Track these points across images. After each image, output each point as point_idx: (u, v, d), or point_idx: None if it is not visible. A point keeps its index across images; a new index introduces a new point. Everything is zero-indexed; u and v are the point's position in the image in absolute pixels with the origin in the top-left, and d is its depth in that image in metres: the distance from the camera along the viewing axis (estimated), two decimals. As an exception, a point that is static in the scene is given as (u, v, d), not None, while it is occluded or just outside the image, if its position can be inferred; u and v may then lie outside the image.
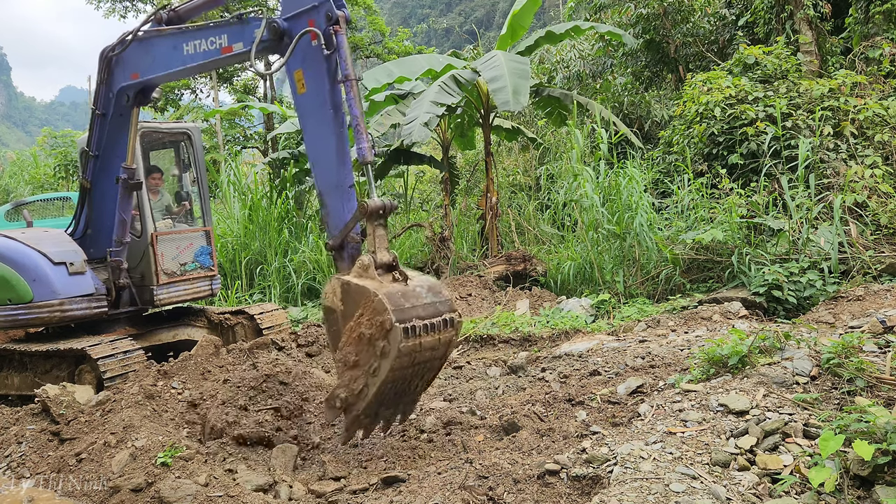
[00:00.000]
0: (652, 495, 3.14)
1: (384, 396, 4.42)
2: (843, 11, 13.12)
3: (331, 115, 4.96)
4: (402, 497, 3.91)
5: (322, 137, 5.03)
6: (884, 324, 5.04)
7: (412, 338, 4.17)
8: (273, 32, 5.14)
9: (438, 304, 4.43)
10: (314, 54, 4.95)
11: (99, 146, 7.01)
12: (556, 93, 12.44)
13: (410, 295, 4.34)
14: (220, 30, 5.70)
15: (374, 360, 4.25)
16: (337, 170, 4.99)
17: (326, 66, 4.94)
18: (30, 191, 22.40)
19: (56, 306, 6.84)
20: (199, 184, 8.20)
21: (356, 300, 4.36)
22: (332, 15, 4.84)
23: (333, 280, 4.59)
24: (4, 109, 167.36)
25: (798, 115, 9.79)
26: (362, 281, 4.39)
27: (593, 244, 9.68)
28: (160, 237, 7.49)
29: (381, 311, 4.16)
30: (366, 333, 4.25)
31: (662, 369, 5.46)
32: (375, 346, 4.21)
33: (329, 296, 4.61)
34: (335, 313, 4.56)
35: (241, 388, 5.31)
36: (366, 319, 4.25)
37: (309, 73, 5.02)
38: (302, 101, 5.10)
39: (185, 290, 7.75)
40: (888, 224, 8.18)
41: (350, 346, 4.36)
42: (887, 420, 3.08)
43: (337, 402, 4.46)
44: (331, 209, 5.00)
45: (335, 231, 4.94)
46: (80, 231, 7.38)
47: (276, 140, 21.20)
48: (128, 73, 6.57)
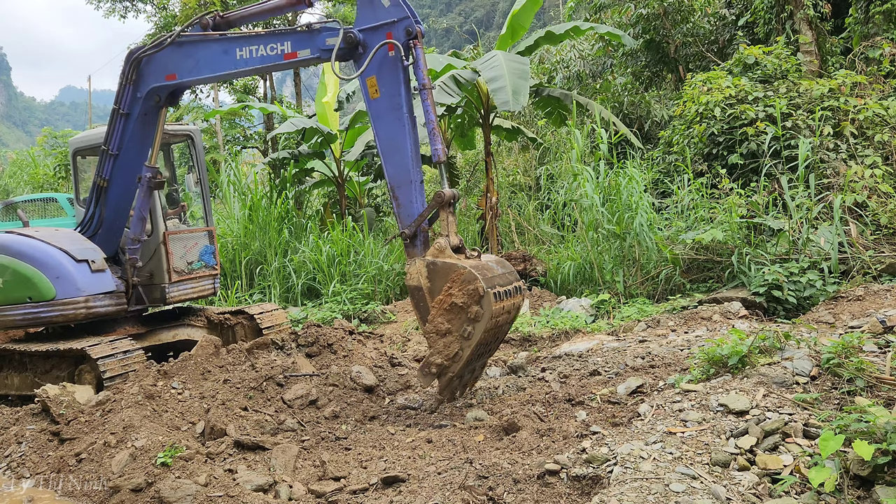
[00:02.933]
0: (652, 495, 3.14)
1: (471, 359, 5.08)
2: (843, 11, 13.12)
3: (406, 118, 5.45)
4: (402, 497, 3.91)
5: (397, 138, 5.48)
6: (884, 324, 5.04)
7: (498, 301, 4.91)
8: (348, 42, 5.52)
9: (507, 274, 5.25)
10: (390, 64, 5.42)
11: (120, 145, 7.05)
12: (556, 93, 12.43)
13: (487, 268, 5.08)
14: (284, 37, 5.99)
15: (466, 326, 4.91)
16: (410, 166, 5.46)
17: (402, 74, 5.44)
18: (30, 191, 22.42)
19: (82, 303, 6.90)
20: (202, 185, 8.28)
21: (444, 275, 5.02)
22: (412, 30, 5.35)
23: (417, 261, 5.18)
24: (4, 109, 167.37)
25: (798, 115, 9.79)
26: (446, 258, 5.06)
27: (593, 244, 9.68)
28: (171, 236, 7.61)
29: (471, 280, 4.87)
30: (458, 302, 4.90)
31: (662, 369, 5.46)
32: (468, 312, 4.88)
33: (415, 276, 5.18)
34: (422, 291, 5.15)
35: (240, 389, 5.31)
36: (456, 290, 4.92)
37: (383, 80, 5.48)
38: (376, 104, 5.55)
39: (193, 287, 7.91)
40: (888, 224, 8.18)
41: (441, 316, 4.98)
42: (887, 420, 3.08)
43: (433, 368, 5.05)
44: (402, 202, 5.49)
45: (408, 221, 5.43)
46: (93, 230, 7.41)
47: (276, 140, 21.22)
48: (162, 74, 6.67)
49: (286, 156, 13.96)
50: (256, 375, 5.93)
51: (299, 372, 6.12)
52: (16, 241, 7.06)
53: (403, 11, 5.38)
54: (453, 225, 5.27)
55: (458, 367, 5.01)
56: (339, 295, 10.65)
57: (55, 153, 25.35)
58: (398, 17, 5.38)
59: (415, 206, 5.42)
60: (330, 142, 13.77)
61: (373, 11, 5.49)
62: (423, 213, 5.36)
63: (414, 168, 5.46)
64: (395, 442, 4.90)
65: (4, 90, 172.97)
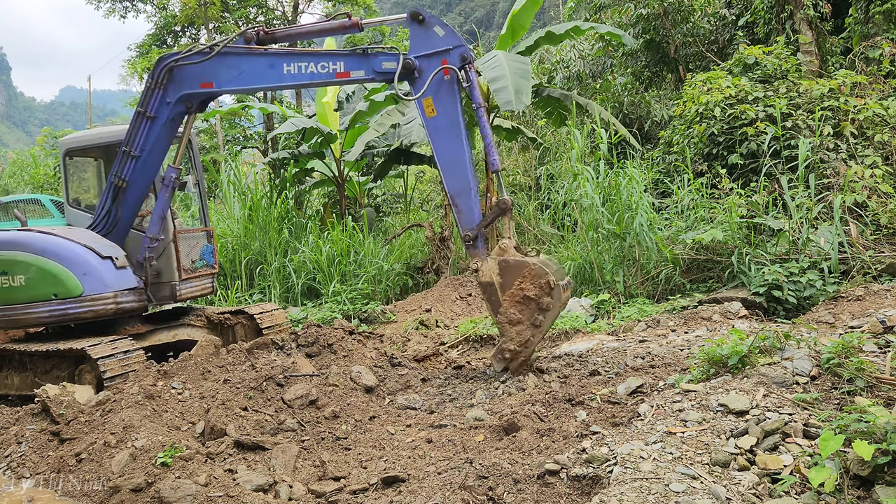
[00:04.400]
0: (652, 495, 3.14)
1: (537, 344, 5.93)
2: (843, 11, 13.12)
3: (464, 134, 6.13)
4: (402, 497, 3.91)
5: (457, 152, 6.15)
6: (884, 324, 5.04)
7: (565, 291, 5.75)
8: (406, 67, 6.17)
9: (560, 270, 5.99)
10: (447, 86, 6.14)
11: (143, 147, 7.15)
12: (556, 93, 12.43)
13: (549, 264, 5.85)
14: (338, 57, 6.46)
15: (538, 315, 5.74)
16: (469, 177, 6.15)
17: (457, 95, 6.13)
18: (30, 191, 22.40)
19: (111, 299, 7.01)
20: (199, 186, 8.37)
21: (516, 271, 5.79)
22: (466, 56, 6.09)
23: (490, 260, 5.94)
24: (4, 109, 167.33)
25: (798, 115, 9.78)
26: (514, 258, 5.83)
27: (593, 244, 9.68)
28: (180, 235, 7.77)
29: (542, 275, 5.67)
30: (529, 294, 5.70)
31: (662, 369, 5.46)
32: (540, 302, 5.69)
33: (487, 273, 5.94)
34: (493, 286, 5.91)
35: (240, 389, 5.31)
36: (528, 283, 5.71)
37: (441, 101, 6.15)
38: (434, 122, 6.20)
39: (197, 286, 8.04)
40: (888, 224, 8.18)
41: (513, 307, 5.79)
42: (887, 420, 3.07)
43: (506, 353, 5.94)
44: (463, 208, 6.21)
45: (469, 225, 6.17)
46: (107, 228, 7.46)
47: (276, 140, 21.22)
48: (197, 82, 6.85)
49: (286, 156, 13.97)
50: (256, 375, 5.93)
51: (299, 372, 6.12)
52: (38, 239, 7.04)
53: (458, 40, 6.11)
54: (512, 228, 6.10)
55: (529, 352, 5.85)
56: (339, 295, 10.65)
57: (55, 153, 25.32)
58: (453, 45, 6.12)
59: (474, 212, 6.16)
60: (330, 142, 13.77)
61: (428, 40, 6.17)
62: (486, 218, 6.12)
63: (472, 178, 6.14)
64: (395, 442, 4.90)
65: (4, 90, 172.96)
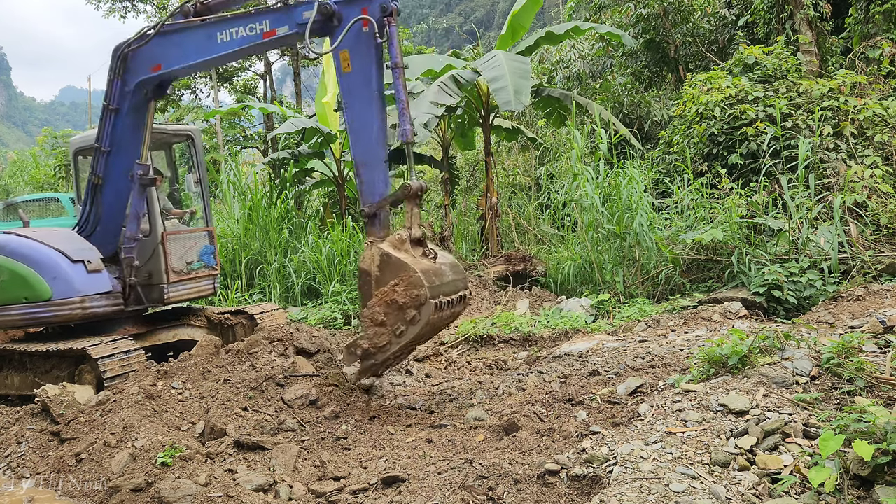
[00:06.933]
0: (652, 495, 3.14)
1: (400, 352, 5.33)
2: (843, 11, 13.12)
3: (375, 96, 5.44)
4: (402, 497, 3.91)
5: (365, 115, 5.50)
6: (884, 324, 5.03)
7: (438, 311, 5.05)
8: (323, 14, 5.45)
9: (458, 281, 5.35)
10: (364, 39, 5.38)
11: (111, 142, 6.98)
12: (556, 93, 12.43)
13: (439, 273, 5.15)
14: (262, 16, 5.92)
15: (401, 325, 5.10)
16: (375, 145, 5.48)
17: (375, 51, 5.40)
18: (30, 191, 22.41)
19: (78, 304, 6.89)
20: (201, 185, 8.26)
21: (394, 270, 5.08)
22: (387, 7, 5.30)
23: (374, 248, 5.22)
24: (4, 109, 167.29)
25: (798, 115, 9.78)
26: (401, 254, 5.11)
27: (593, 244, 9.68)
28: (170, 236, 7.58)
29: (417, 285, 4.98)
30: (399, 301, 5.03)
31: (662, 369, 5.46)
32: (406, 313, 5.04)
33: (367, 260, 5.25)
34: (370, 276, 5.23)
35: (240, 389, 5.32)
36: (401, 289, 5.03)
37: (356, 56, 5.44)
38: (347, 79, 5.53)
39: (192, 288, 7.88)
40: (888, 224, 8.18)
41: (380, 307, 5.11)
42: (887, 420, 3.07)
43: (359, 350, 5.30)
44: (366, 179, 5.51)
45: (370, 199, 5.48)
46: (89, 229, 7.37)
47: (276, 140, 21.22)
48: (148, 66, 6.59)
49: (286, 156, 13.95)
50: (256, 375, 5.93)
51: (299, 372, 6.12)
52: (12, 241, 7.04)
53: None
54: (417, 217, 5.27)
55: (382, 358, 5.27)
56: (339, 295, 10.65)
57: (55, 153, 25.35)
58: None
59: (377, 186, 5.47)
60: (330, 142, 13.76)
61: None
62: (386, 198, 5.42)
63: (379, 146, 5.48)
64: (395, 442, 4.90)
65: (4, 90, 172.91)
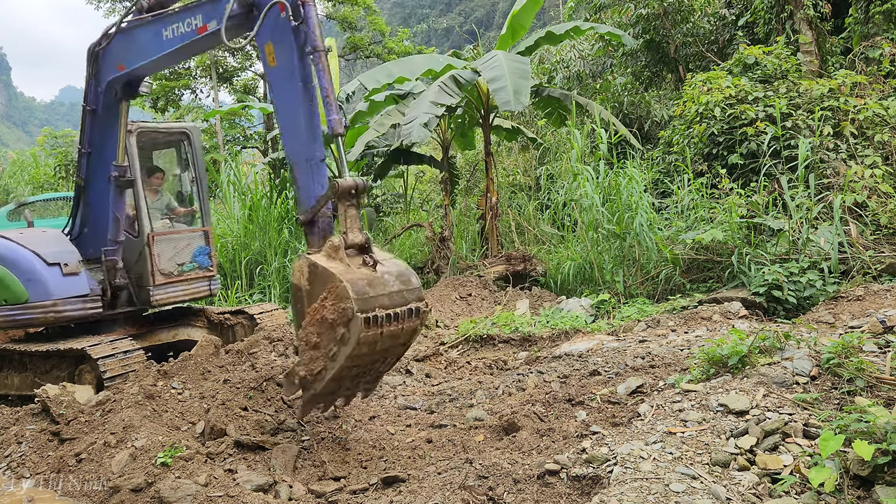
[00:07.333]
0: (652, 495, 3.14)
1: (342, 379, 4.45)
2: (843, 11, 13.11)
3: (300, 88, 4.90)
4: (402, 497, 3.92)
5: (291, 110, 5.00)
6: (884, 324, 5.03)
7: (373, 328, 4.14)
8: (242, 5, 5.09)
9: (406, 292, 4.40)
10: (283, 27, 4.86)
11: (91, 143, 6.92)
12: (556, 93, 12.44)
13: (377, 282, 4.28)
14: (196, 10, 5.60)
15: (333, 345, 4.25)
16: (306, 143, 4.94)
17: (295, 38, 4.84)
18: (30, 191, 22.39)
19: (49, 307, 6.82)
20: (199, 184, 8.12)
21: (322, 283, 4.31)
22: None
23: (302, 258, 4.51)
24: (4, 109, 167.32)
25: (798, 115, 9.78)
26: (330, 263, 4.33)
27: (593, 244, 9.68)
28: (157, 237, 7.40)
29: (344, 298, 4.12)
30: (328, 317, 4.22)
31: (662, 369, 5.46)
32: (336, 331, 4.21)
33: (297, 274, 4.54)
34: (301, 291, 4.50)
35: (240, 389, 5.31)
36: (329, 304, 4.21)
37: (278, 46, 4.95)
38: (272, 74, 5.07)
39: (184, 290, 7.66)
40: (888, 224, 8.18)
41: (312, 326, 4.32)
42: (887, 420, 3.08)
43: (296, 379, 4.48)
44: (301, 183, 4.91)
45: (306, 204, 4.84)
46: (77, 231, 7.32)
47: (276, 140, 21.23)
48: (114, 65, 6.44)
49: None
50: (256, 375, 5.92)
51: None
52: None
53: None
54: (355, 220, 4.56)
55: (320, 386, 4.43)
56: (339, 295, 10.64)
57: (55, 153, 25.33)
58: None
59: (314, 189, 4.86)
60: (330, 142, 13.76)
61: None
62: (318, 201, 4.79)
63: (311, 144, 4.94)
64: (395, 442, 4.90)
65: (4, 90, 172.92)
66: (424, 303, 4.50)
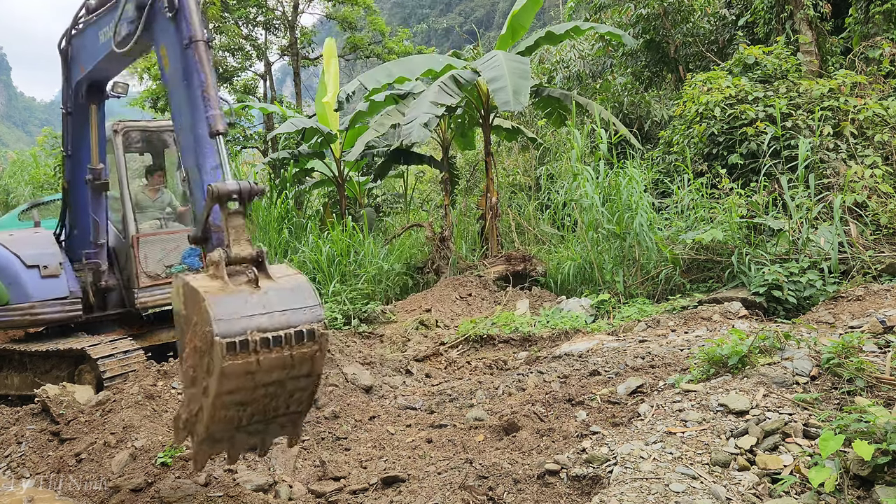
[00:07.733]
0: (652, 495, 3.14)
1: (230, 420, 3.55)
2: (843, 11, 13.12)
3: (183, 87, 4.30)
4: (402, 497, 3.92)
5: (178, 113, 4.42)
6: (884, 324, 5.04)
7: (241, 355, 3.33)
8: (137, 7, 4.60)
9: (295, 312, 3.56)
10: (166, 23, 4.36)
11: (70, 145, 6.79)
12: (556, 93, 12.44)
13: (255, 302, 3.49)
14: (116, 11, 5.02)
15: (204, 379, 3.45)
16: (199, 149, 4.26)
17: (177, 33, 4.31)
18: (30, 191, 22.38)
19: (27, 309, 6.81)
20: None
21: (194, 305, 3.48)
22: None
23: (177, 279, 3.68)
24: (4, 109, 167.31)
25: (798, 115, 9.79)
26: (202, 283, 3.52)
27: (593, 244, 9.68)
28: (143, 239, 7.29)
29: (205, 321, 3.35)
30: (199, 346, 3.46)
31: (662, 369, 5.46)
32: (203, 360, 3.43)
33: (174, 297, 3.73)
34: (181, 318, 3.67)
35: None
36: (199, 329, 3.45)
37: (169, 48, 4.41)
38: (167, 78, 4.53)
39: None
40: (888, 224, 8.18)
41: (189, 359, 3.56)
42: (887, 420, 3.08)
43: (180, 423, 3.74)
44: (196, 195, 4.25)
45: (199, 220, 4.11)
46: (67, 233, 7.29)
47: (276, 140, 21.21)
48: (77, 66, 6.13)
49: (286, 156, 13.96)
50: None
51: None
52: None
53: None
54: (241, 230, 3.75)
55: (202, 430, 3.54)
56: (339, 295, 10.65)
57: (55, 153, 25.31)
58: None
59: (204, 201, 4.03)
60: (330, 142, 13.77)
61: None
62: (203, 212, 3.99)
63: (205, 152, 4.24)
64: (395, 442, 4.90)
65: (4, 90, 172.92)
66: (322, 324, 3.60)
